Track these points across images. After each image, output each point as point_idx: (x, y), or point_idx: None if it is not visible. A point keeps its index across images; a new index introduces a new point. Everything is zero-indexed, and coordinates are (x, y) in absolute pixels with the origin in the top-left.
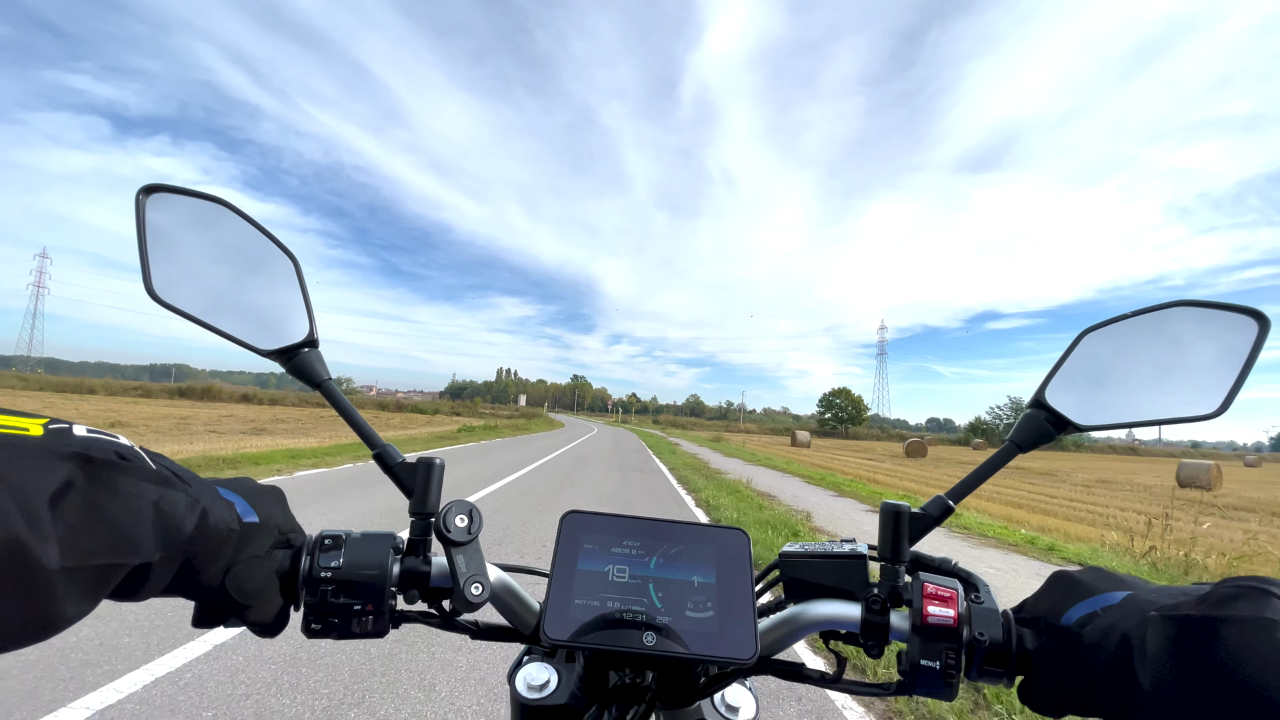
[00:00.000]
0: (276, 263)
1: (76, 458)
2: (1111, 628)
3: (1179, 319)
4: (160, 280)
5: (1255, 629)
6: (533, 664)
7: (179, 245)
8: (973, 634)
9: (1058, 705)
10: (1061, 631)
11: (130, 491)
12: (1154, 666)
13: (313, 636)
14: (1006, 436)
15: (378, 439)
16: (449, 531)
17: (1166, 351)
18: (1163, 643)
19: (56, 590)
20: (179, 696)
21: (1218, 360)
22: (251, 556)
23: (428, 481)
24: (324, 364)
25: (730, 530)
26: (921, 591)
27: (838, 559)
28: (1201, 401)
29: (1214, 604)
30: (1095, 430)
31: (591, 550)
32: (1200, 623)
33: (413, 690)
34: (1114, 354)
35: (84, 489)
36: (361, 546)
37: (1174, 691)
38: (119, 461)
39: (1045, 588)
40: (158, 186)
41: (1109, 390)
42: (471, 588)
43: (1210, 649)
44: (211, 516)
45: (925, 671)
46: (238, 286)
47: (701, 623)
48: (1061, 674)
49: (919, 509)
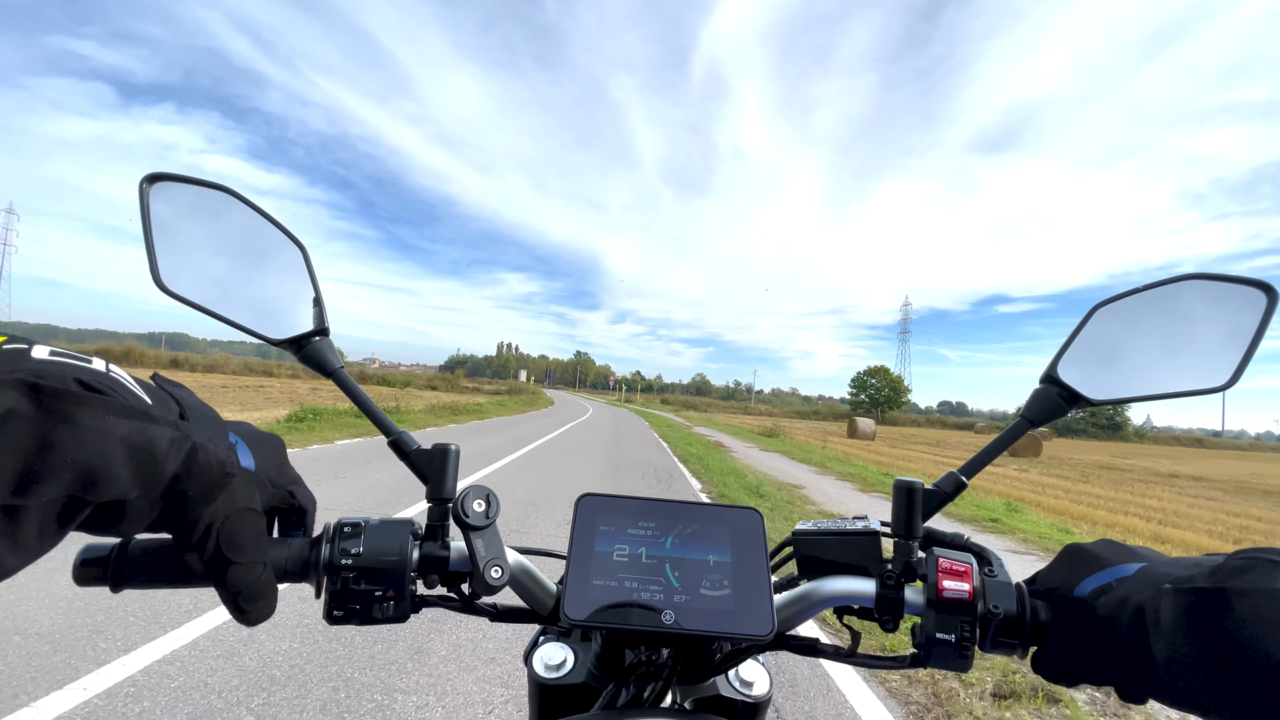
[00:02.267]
0: (285, 251)
1: (21, 385)
2: (1125, 599)
3: (1189, 292)
4: (168, 270)
5: (1267, 600)
6: (549, 644)
7: (185, 234)
8: (987, 607)
9: (1071, 675)
10: (1075, 603)
11: (90, 424)
12: (1168, 638)
13: (335, 623)
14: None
15: (393, 426)
16: (467, 516)
17: (1176, 325)
18: (1176, 614)
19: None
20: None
21: (1227, 333)
22: (246, 508)
23: (444, 467)
24: (335, 352)
25: (744, 510)
26: (936, 566)
27: (851, 536)
28: (1211, 374)
29: (1226, 576)
30: (1106, 404)
31: (608, 532)
32: (1213, 594)
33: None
34: (1124, 328)
35: (31, 420)
36: (380, 533)
37: (1188, 662)
38: (78, 392)
39: (1058, 560)
40: (161, 175)
41: (1120, 364)
42: (491, 571)
43: (1223, 620)
44: (202, 455)
45: (941, 644)
46: (246, 275)
47: (718, 600)
48: (1075, 645)
49: (932, 485)
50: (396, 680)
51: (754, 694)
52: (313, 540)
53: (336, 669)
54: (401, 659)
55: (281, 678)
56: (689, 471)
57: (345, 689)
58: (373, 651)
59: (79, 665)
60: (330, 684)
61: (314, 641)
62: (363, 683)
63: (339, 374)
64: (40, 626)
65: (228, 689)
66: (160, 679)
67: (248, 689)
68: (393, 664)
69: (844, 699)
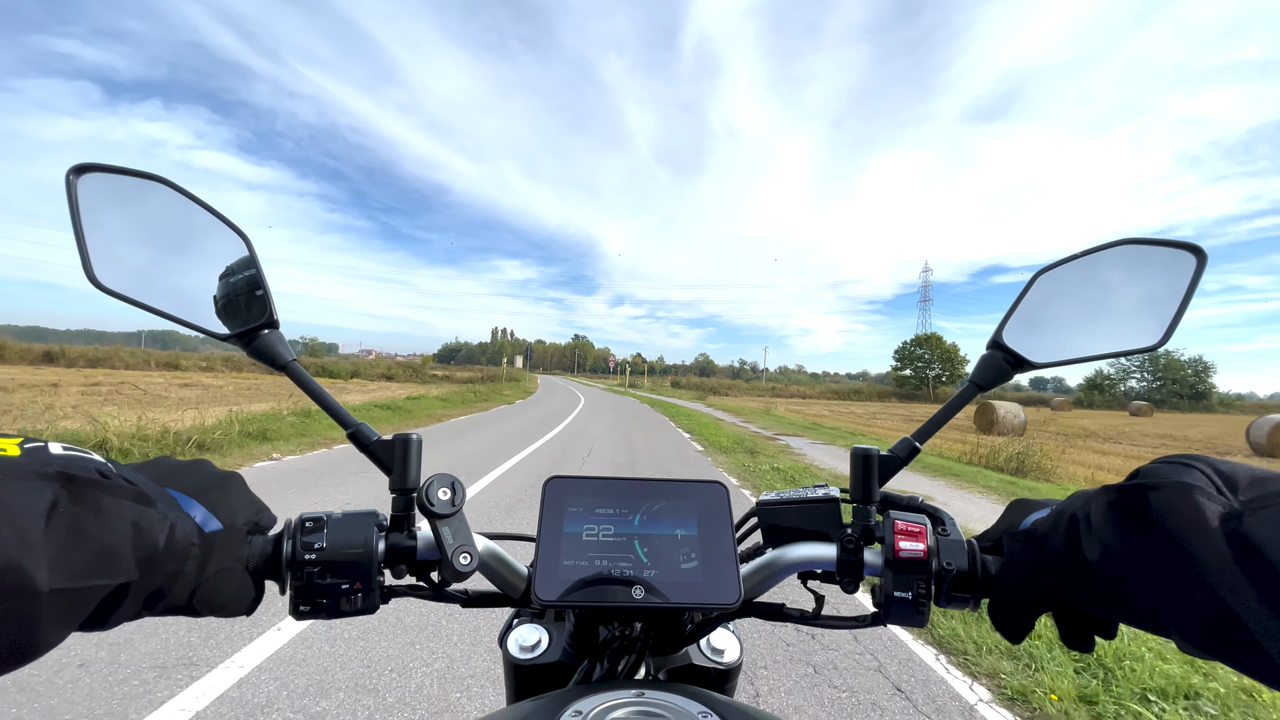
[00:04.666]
0: (227, 242)
1: (59, 477)
2: (1060, 513)
3: (1123, 257)
4: (101, 265)
5: (1176, 491)
6: (523, 626)
7: (118, 227)
8: (941, 564)
9: (1021, 616)
10: (1018, 536)
11: (112, 510)
12: (1099, 535)
13: (301, 619)
14: (970, 379)
15: (351, 418)
16: (432, 505)
17: (1112, 288)
18: (1103, 512)
19: (42, 613)
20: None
21: (1160, 294)
22: (220, 570)
23: (406, 457)
24: (286, 345)
25: (709, 484)
26: (892, 528)
27: (811, 504)
28: (1145, 334)
29: (1144, 476)
30: (1048, 367)
31: (576, 513)
32: (1132, 491)
33: None
34: (1064, 293)
35: (68, 509)
36: (344, 526)
37: (1115, 556)
38: (100, 480)
39: (1005, 512)
40: (90, 166)
41: (1059, 328)
42: (460, 558)
43: (1142, 513)
44: (177, 531)
45: (899, 602)
46: (186, 268)
47: (686, 573)
48: (1020, 575)
49: (887, 451)
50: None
51: (725, 661)
52: (275, 538)
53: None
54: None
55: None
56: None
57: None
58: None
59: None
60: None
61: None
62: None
63: (291, 366)
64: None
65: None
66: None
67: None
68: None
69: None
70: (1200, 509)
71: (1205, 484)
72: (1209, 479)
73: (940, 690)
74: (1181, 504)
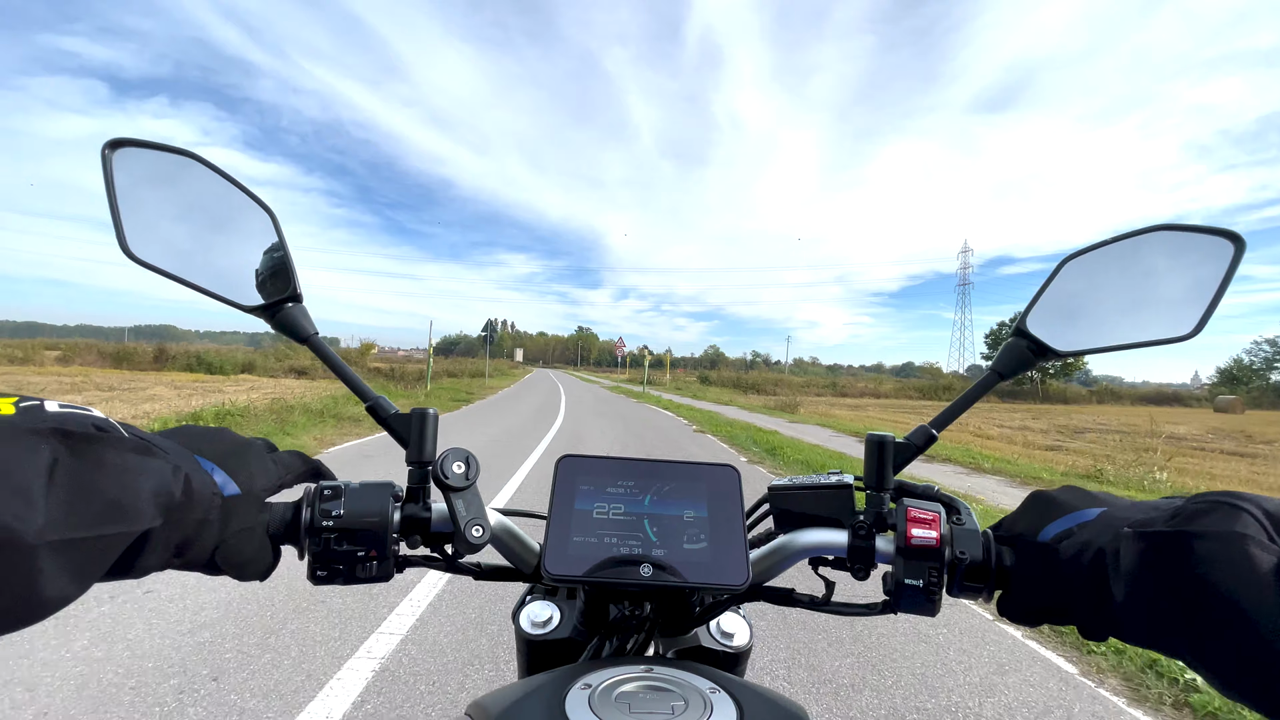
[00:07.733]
0: (254, 217)
1: (55, 433)
2: (1087, 543)
3: (1157, 243)
4: (135, 237)
5: (1225, 543)
6: (535, 602)
7: (151, 201)
8: (954, 553)
9: (1034, 616)
10: (1039, 548)
11: (115, 462)
12: (1127, 580)
13: (319, 583)
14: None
15: (370, 391)
16: (447, 478)
17: (1144, 276)
18: (1135, 557)
19: (42, 567)
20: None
21: (1195, 282)
22: (240, 529)
23: (423, 431)
24: (309, 319)
25: (721, 467)
26: (905, 516)
27: (824, 489)
28: (1178, 323)
29: (1185, 519)
30: (1074, 355)
31: (588, 491)
32: (1172, 538)
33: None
34: (1092, 280)
35: (68, 464)
36: (361, 495)
37: (1146, 603)
38: (97, 434)
39: (1023, 506)
40: (124, 141)
41: (1088, 316)
42: (472, 530)
43: (1182, 563)
44: (194, 482)
45: (909, 590)
46: (215, 242)
47: (696, 554)
48: (1038, 587)
49: (903, 439)
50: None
51: (734, 644)
52: (294, 504)
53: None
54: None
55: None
56: None
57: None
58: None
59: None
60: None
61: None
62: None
63: (314, 340)
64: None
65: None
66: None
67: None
68: None
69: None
70: (1253, 561)
71: (1257, 531)
72: (1260, 524)
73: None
74: (1232, 556)
